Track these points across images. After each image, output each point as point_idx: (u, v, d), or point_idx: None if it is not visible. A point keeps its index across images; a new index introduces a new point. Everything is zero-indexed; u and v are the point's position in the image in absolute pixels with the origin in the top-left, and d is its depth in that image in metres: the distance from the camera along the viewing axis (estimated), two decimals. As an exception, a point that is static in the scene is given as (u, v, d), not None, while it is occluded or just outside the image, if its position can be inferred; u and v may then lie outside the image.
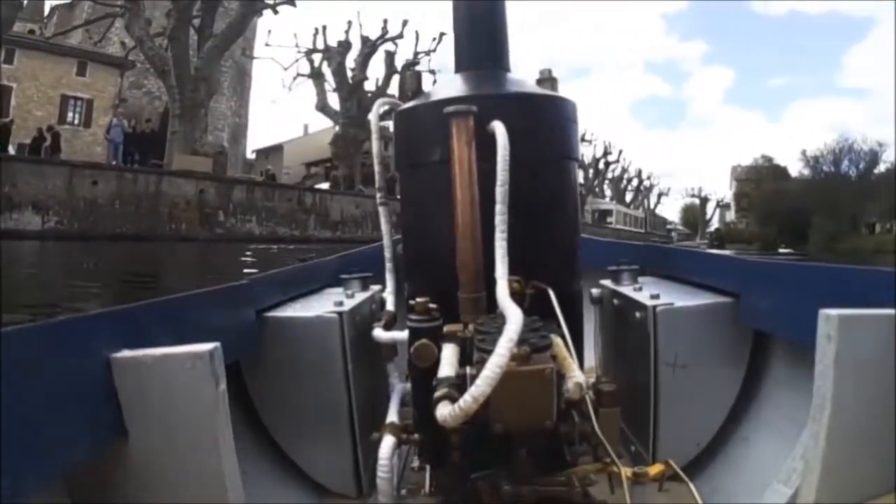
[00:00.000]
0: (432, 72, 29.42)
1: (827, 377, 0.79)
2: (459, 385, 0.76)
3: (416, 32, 33.27)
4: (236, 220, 18.68)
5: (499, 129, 1.01)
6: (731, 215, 49.84)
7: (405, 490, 1.15)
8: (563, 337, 0.90)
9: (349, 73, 27.00)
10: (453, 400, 0.72)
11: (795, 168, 40.88)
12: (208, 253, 13.79)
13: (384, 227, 1.36)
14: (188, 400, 0.74)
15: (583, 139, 43.49)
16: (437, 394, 0.75)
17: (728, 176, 50.19)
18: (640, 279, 1.48)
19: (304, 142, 37.07)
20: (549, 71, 1.29)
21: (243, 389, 1.25)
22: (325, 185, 24.96)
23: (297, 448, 1.25)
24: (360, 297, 1.39)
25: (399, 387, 1.24)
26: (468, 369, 0.80)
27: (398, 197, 1.29)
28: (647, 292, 1.29)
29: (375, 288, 1.49)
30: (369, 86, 27.55)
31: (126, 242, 14.45)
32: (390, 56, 27.75)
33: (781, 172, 42.46)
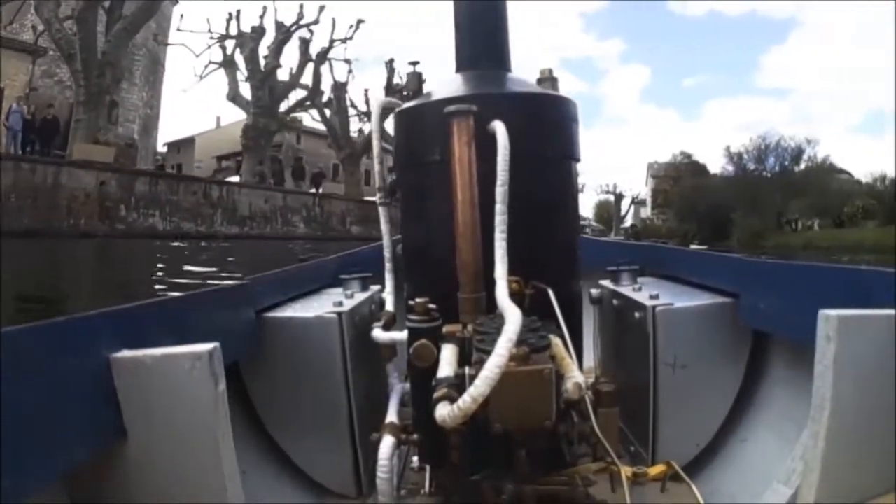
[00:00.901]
0: (347, 61, 28.80)
1: (826, 377, 0.79)
2: (459, 385, 0.76)
3: (333, 19, 33.08)
4: (138, 215, 17.34)
5: (499, 128, 1.01)
6: (647, 212, 49.64)
7: (405, 490, 1.15)
8: (562, 337, 0.90)
9: (262, 62, 25.58)
10: (452, 400, 0.72)
11: (714, 165, 40.76)
12: (98, 253, 12.28)
13: (384, 227, 1.36)
14: (188, 400, 0.74)
15: None
16: (437, 394, 0.75)
17: (644, 173, 50.15)
18: (640, 279, 1.48)
19: (217, 134, 35.15)
20: (550, 70, 1.29)
21: (243, 389, 1.25)
22: (235, 178, 24.04)
23: (296, 448, 1.25)
24: (360, 297, 1.39)
25: (399, 387, 1.24)
26: (467, 369, 0.80)
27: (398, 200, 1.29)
28: (647, 292, 1.30)
29: (375, 288, 1.49)
30: (283, 74, 26.54)
31: (17, 240, 12.19)
32: (305, 43, 26.77)
33: (700, 169, 42.40)
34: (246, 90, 25.88)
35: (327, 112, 28.94)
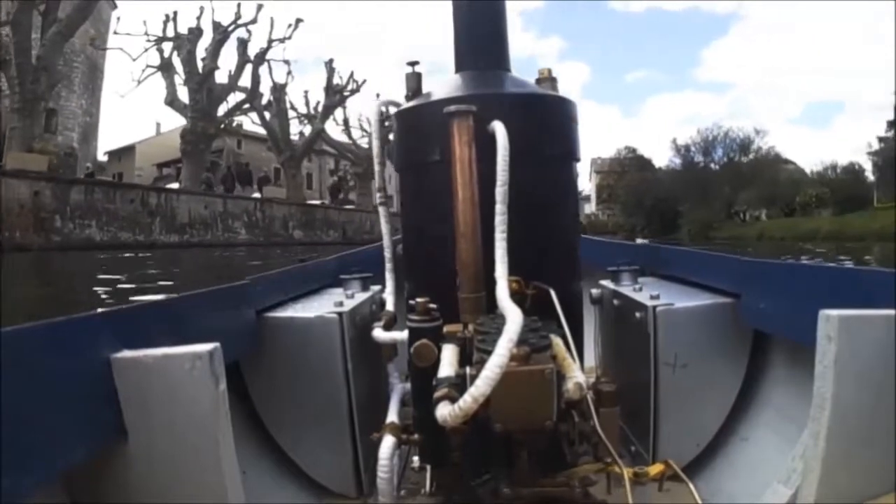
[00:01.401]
0: (286, 62, 28.23)
1: (827, 377, 0.79)
2: (459, 385, 0.76)
3: (271, 19, 31.43)
4: (74, 226, 16.44)
5: (499, 128, 1.01)
6: (591, 207, 49.66)
7: (405, 490, 1.15)
8: (563, 337, 0.90)
9: (200, 64, 24.78)
10: (453, 400, 0.72)
11: (659, 159, 41.15)
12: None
13: (384, 227, 1.36)
14: (188, 400, 0.74)
15: None
16: (437, 394, 0.75)
17: (588, 169, 50.10)
18: (640, 279, 1.48)
19: (158, 141, 34.28)
20: (549, 71, 1.29)
21: (243, 389, 1.25)
22: (174, 186, 22.97)
23: (297, 448, 1.25)
24: (360, 297, 1.39)
25: (399, 387, 1.24)
26: (468, 369, 0.79)
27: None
28: (647, 292, 1.30)
29: (375, 288, 1.49)
30: (221, 77, 25.84)
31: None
32: (243, 44, 26.23)
33: (646, 163, 42.38)
34: (184, 94, 24.95)
35: (267, 115, 28.38)
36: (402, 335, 1.10)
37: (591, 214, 47.44)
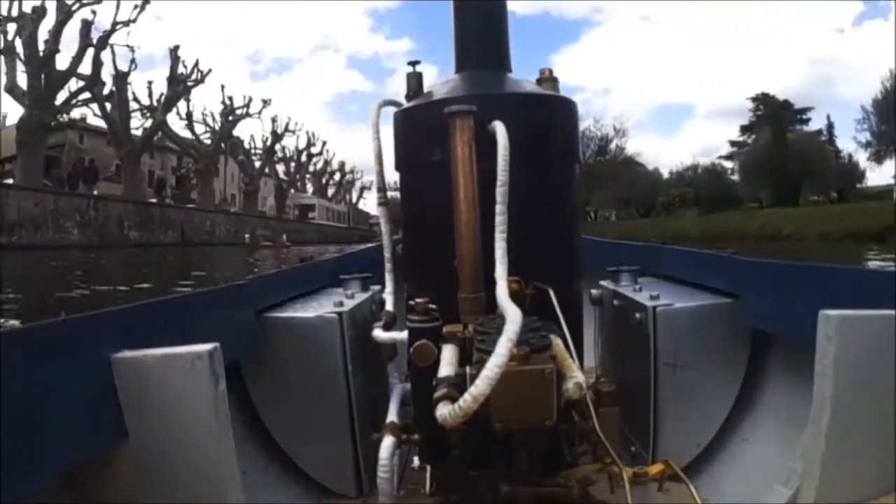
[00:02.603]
0: (131, 48, 26.12)
1: (827, 377, 0.79)
2: (459, 385, 0.76)
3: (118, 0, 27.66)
4: None
5: (499, 129, 1.01)
6: None
7: (405, 490, 1.15)
8: (562, 337, 0.90)
9: (42, 47, 22.26)
10: (453, 400, 0.72)
11: None
12: None
13: (384, 227, 1.36)
14: (188, 400, 0.74)
15: (286, 129, 42.51)
16: (437, 394, 0.75)
17: None
18: (640, 280, 1.48)
19: (3, 135, 28.65)
20: (550, 71, 1.29)
21: (243, 389, 1.25)
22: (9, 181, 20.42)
23: (297, 448, 1.25)
24: (360, 297, 1.39)
25: (399, 387, 1.24)
26: (468, 369, 0.80)
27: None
28: (647, 293, 1.30)
29: (375, 288, 1.49)
30: (63, 62, 23.33)
31: None
32: (87, 26, 23.98)
33: None
34: (25, 81, 22.31)
35: (108, 106, 26.16)
36: (402, 335, 1.10)
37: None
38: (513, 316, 0.73)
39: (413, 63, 1.31)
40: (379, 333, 1.20)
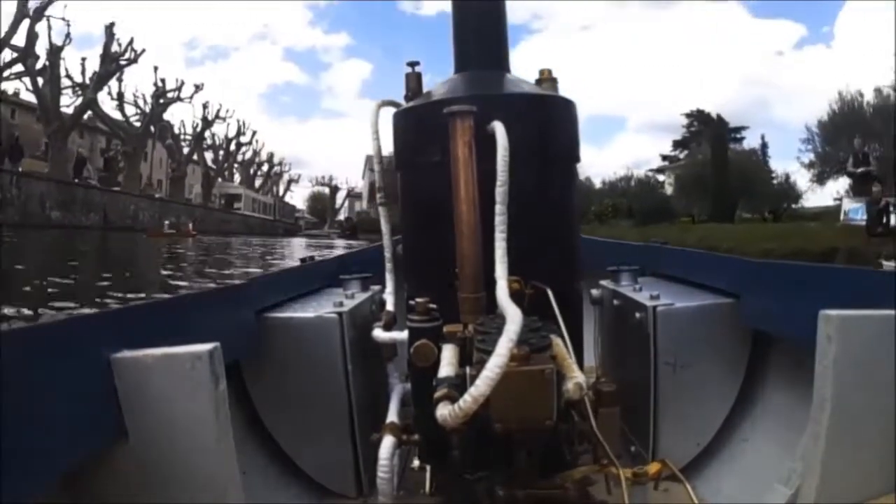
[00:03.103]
0: (66, 21, 24.47)
1: (827, 378, 0.79)
2: (459, 385, 0.76)
3: None
4: None
5: (499, 129, 1.01)
6: (363, 204, 49.17)
7: (405, 490, 1.15)
8: (562, 337, 0.90)
9: None
10: (453, 400, 0.72)
11: None
12: None
13: (384, 227, 1.36)
14: (188, 400, 0.74)
15: (217, 116, 40.75)
16: (437, 394, 0.75)
17: (362, 166, 49.73)
18: (640, 279, 1.48)
19: None
20: (550, 71, 1.29)
21: (243, 389, 1.25)
22: None
23: (297, 448, 1.25)
24: (360, 297, 1.39)
25: (399, 387, 1.24)
26: (468, 369, 0.80)
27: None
28: (647, 293, 1.30)
29: (375, 288, 1.49)
30: None
31: None
32: None
33: None
34: None
35: (40, 81, 24.91)
36: (402, 335, 1.10)
37: (361, 212, 47.08)
38: (513, 316, 0.73)
39: (412, 64, 1.31)
40: (379, 333, 1.20)
